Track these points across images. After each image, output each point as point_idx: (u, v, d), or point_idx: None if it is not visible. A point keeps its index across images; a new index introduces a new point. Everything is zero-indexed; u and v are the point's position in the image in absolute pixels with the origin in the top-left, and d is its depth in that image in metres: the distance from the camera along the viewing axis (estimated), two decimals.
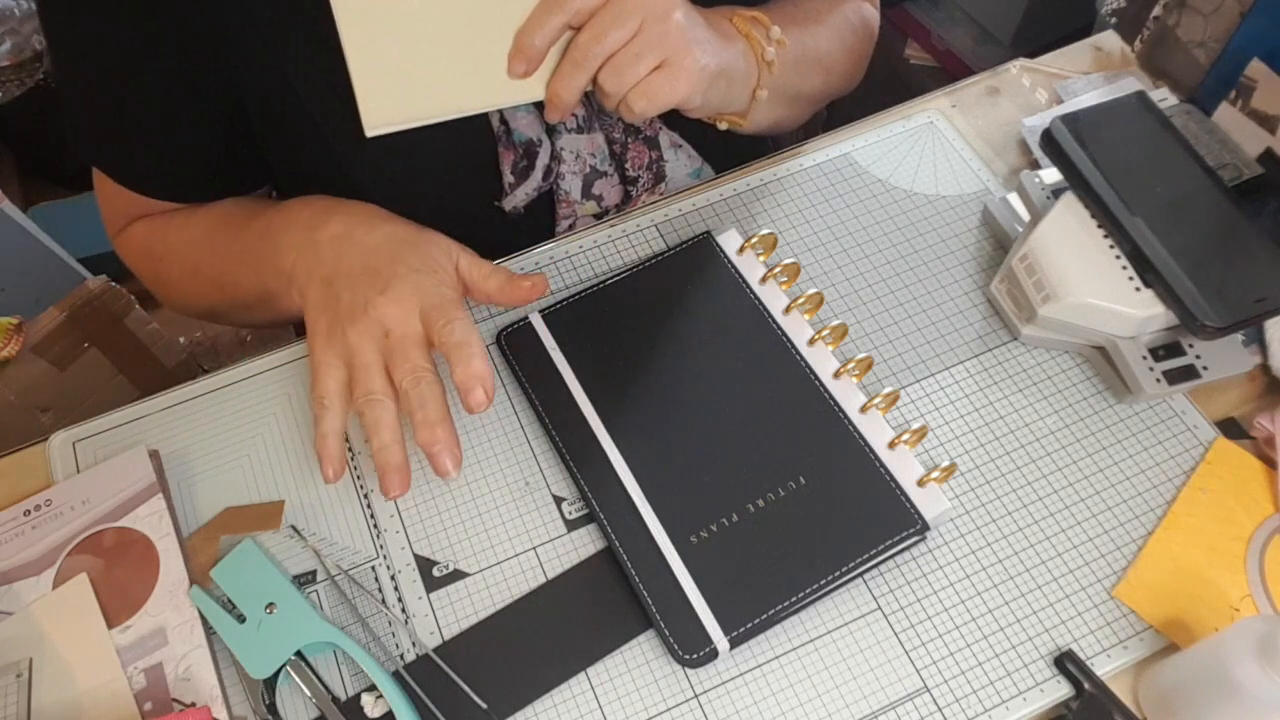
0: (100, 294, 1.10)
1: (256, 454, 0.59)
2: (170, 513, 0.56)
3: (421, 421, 0.52)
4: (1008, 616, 0.51)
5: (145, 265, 0.69)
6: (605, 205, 0.70)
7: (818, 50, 0.68)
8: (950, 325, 0.62)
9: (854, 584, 0.53)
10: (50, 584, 0.54)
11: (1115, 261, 0.57)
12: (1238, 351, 0.57)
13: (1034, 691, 0.49)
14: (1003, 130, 0.71)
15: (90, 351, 1.11)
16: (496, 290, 0.59)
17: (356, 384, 0.53)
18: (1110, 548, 0.53)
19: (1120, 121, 0.62)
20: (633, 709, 0.50)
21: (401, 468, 0.52)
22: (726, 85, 0.59)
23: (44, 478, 0.59)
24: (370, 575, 0.55)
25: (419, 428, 0.52)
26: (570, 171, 0.67)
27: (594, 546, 0.55)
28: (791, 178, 0.69)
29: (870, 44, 0.76)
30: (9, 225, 1.26)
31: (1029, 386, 0.59)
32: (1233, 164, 0.63)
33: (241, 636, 0.51)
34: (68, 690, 0.51)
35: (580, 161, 0.67)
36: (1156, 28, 0.72)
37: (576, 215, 0.70)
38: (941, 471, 0.54)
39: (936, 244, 0.65)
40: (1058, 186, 0.62)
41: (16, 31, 1.49)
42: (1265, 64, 0.62)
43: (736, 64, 0.60)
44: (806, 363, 0.58)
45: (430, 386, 0.52)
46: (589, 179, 0.68)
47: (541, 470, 0.58)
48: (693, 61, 0.54)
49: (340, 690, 0.51)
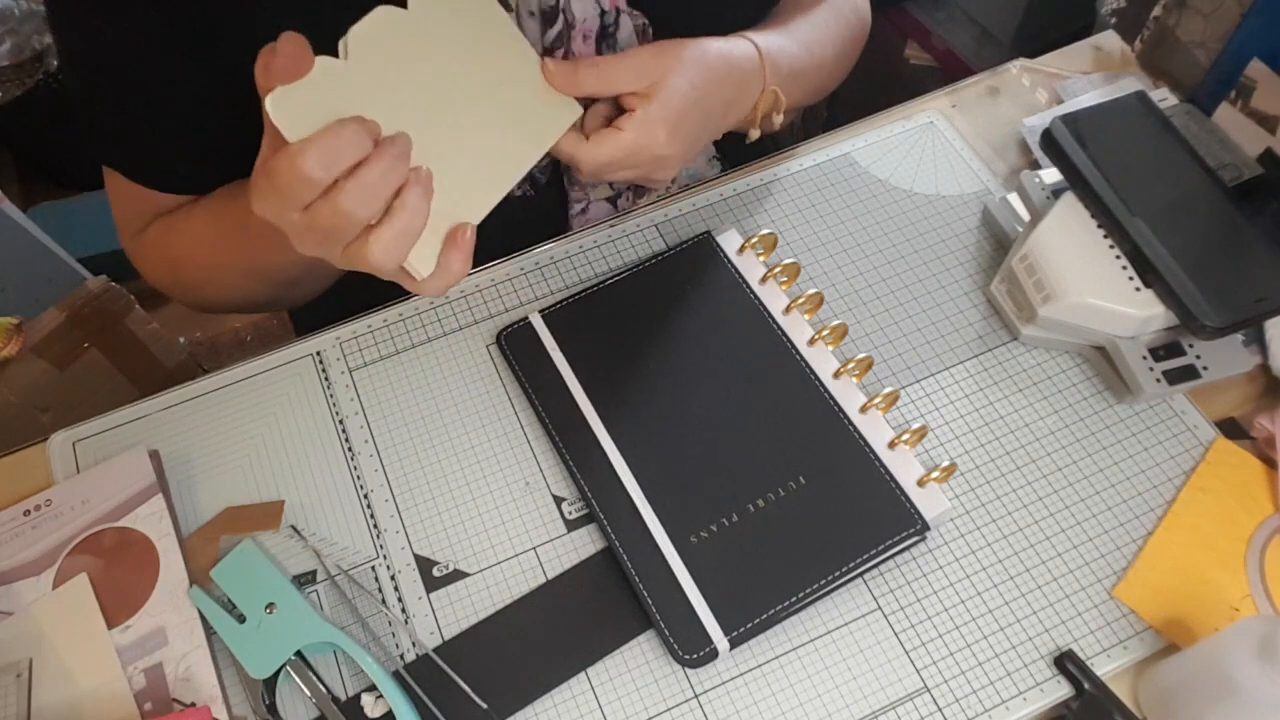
0: (100, 294, 1.09)
1: (256, 454, 0.59)
2: (170, 513, 0.56)
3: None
4: (1008, 616, 0.51)
5: (163, 273, 0.68)
6: (618, 188, 0.70)
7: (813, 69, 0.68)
8: (950, 325, 0.62)
9: (854, 584, 0.53)
10: (50, 584, 0.54)
11: (1115, 261, 0.57)
12: (1238, 351, 0.57)
13: (1034, 691, 0.49)
14: (1003, 130, 0.71)
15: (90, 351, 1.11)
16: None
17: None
18: (1110, 548, 0.53)
19: (1120, 121, 0.62)
20: (633, 709, 0.50)
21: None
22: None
23: (44, 478, 0.59)
24: (370, 575, 0.55)
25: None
26: None
27: (594, 546, 0.55)
28: (791, 178, 0.69)
29: (863, 37, 0.75)
30: (9, 225, 1.26)
31: (1029, 386, 0.59)
32: (1233, 164, 0.63)
33: (241, 636, 0.51)
34: (68, 690, 0.51)
35: None
36: (1156, 28, 0.72)
37: (590, 199, 0.70)
38: (941, 471, 0.54)
39: (936, 244, 0.65)
40: (1058, 186, 0.62)
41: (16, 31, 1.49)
42: (1265, 64, 0.62)
43: (714, 130, 0.61)
44: (806, 363, 0.58)
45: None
46: None
47: (541, 470, 0.58)
48: (670, 177, 0.59)
49: (340, 690, 0.51)
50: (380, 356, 0.63)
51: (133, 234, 0.67)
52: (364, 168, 0.44)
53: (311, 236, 0.47)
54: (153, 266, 0.68)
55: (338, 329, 0.64)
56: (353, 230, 0.46)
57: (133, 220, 0.67)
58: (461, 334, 0.63)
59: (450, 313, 0.64)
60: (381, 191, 0.45)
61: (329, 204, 0.44)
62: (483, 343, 0.63)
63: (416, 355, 0.63)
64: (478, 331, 0.63)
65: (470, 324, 0.64)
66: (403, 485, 0.58)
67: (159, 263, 0.67)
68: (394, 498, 0.57)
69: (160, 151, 0.63)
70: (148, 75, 0.58)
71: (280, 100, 0.43)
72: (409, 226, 0.46)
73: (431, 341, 0.63)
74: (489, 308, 0.64)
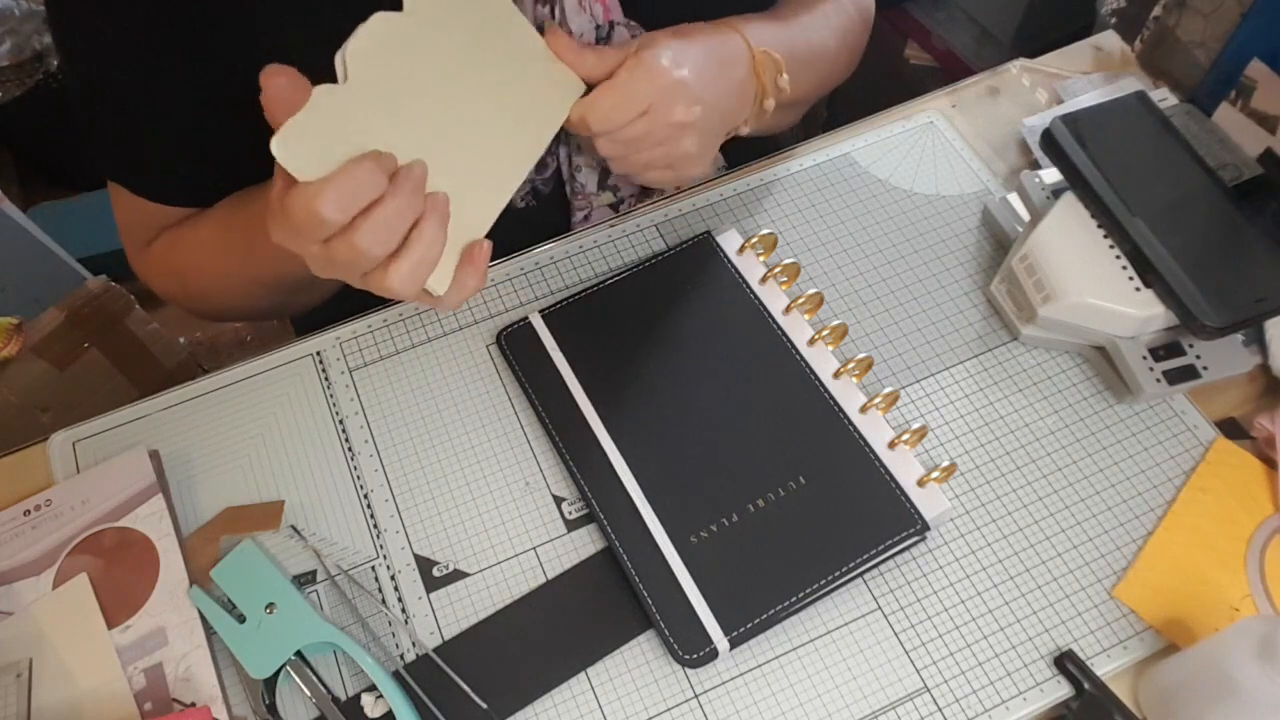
0: (100, 294, 1.09)
1: (256, 454, 0.59)
2: (170, 513, 0.56)
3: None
4: (1008, 616, 0.51)
5: (171, 285, 0.68)
6: (621, 195, 0.70)
7: (818, 57, 0.68)
8: (950, 325, 0.62)
9: (854, 584, 0.53)
10: (50, 584, 0.54)
11: (1115, 261, 0.57)
12: (1238, 351, 0.57)
13: (1034, 691, 0.49)
14: (1003, 130, 0.71)
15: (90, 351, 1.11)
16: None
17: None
18: (1110, 548, 0.53)
19: (1120, 121, 0.62)
20: (633, 709, 0.50)
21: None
22: (718, 144, 0.61)
23: (44, 478, 0.59)
24: (370, 575, 0.55)
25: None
26: (587, 166, 0.67)
27: (594, 546, 0.55)
28: (791, 178, 0.69)
29: (866, 33, 0.75)
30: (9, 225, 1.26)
31: (1029, 386, 0.59)
32: (1233, 164, 0.63)
33: (241, 636, 0.51)
34: (68, 690, 0.51)
35: (597, 156, 0.67)
36: (1156, 28, 0.72)
37: (592, 206, 0.70)
38: (941, 471, 0.54)
39: (936, 244, 0.65)
40: (1058, 186, 0.62)
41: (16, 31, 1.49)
42: (1265, 64, 0.62)
43: (734, 115, 0.60)
44: (806, 363, 0.58)
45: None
46: (605, 171, 0.68)
47: (541, 470, 0.58)
48: (693, 172, 0.59)
49: (340, 690, 0.51)
50: (380, 356, 0.63)
51: (139, 248, 0.67)
52: (380, 206, 0.44)
53: (330, 268, 0.48)
54: (161, 279, 0.68)
55: (338, 329, 0.64)
56: (371, 263, 0.46)
57: (139, 234, 0.67)
58: (461, 334, 0.63)
59: (450, 313, 0.64)
60: (399, 228, 0.45)
61: (346, 242, 0.45)
62: (483, 343, 0.63)
63: (416, 355, 0.63)
64: (478, 331, 0.63)
65: (470, 324, 0.64)
66: (403, 485, 0.58)
67: (166, 275, 0.67)
68: (394, 498, 0.57)
69: (163, 162, 0.63)
70: (148, 77, 0.58)
71: (285, 141, 0.43)
72: (426, 257, 0.47)
73: (431, 341, 0.63)
74: (489, 308, 0.64)
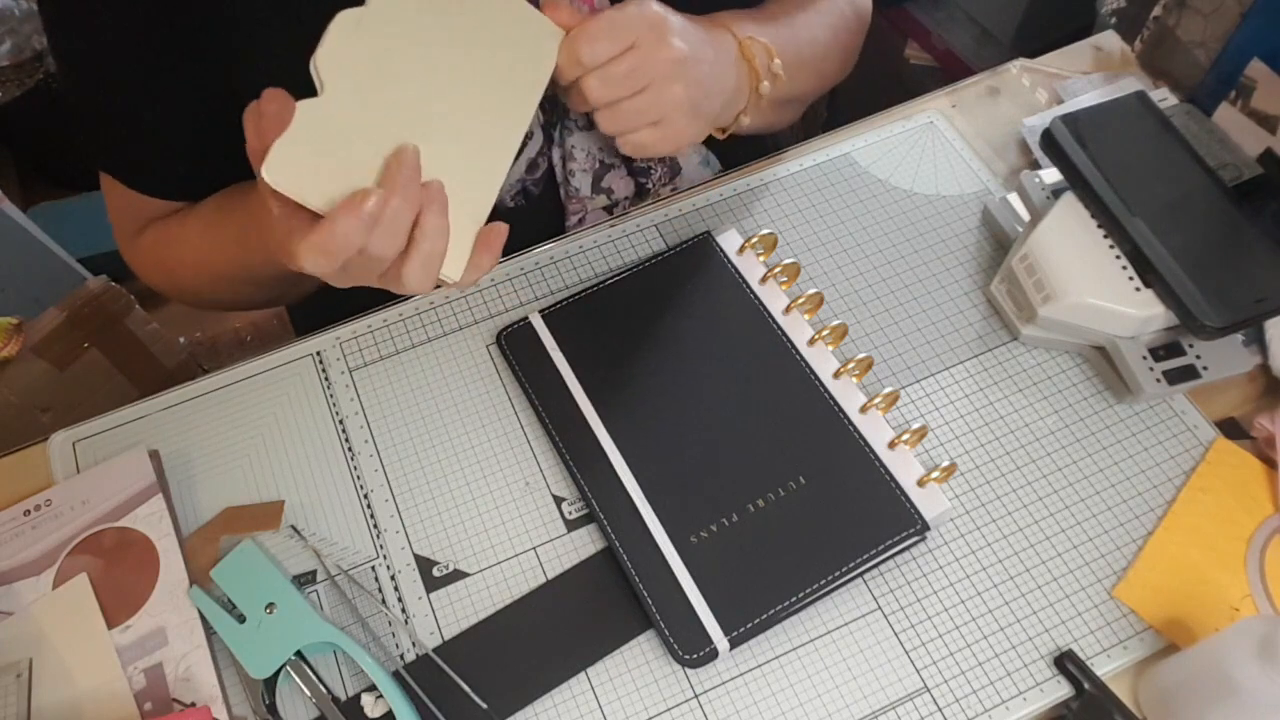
0: (100, 294, 1.09)
1: (256, 454, 0.59)
2: (170, 513, 0.56)
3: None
4: (1008, 616, 0.51)
5: (159, 277, 0.68)
6: (615, 199, 0.70)
7: (812, 54, 0.68)
8: (950, 325, 0.62)
9: (854, 584, 0.53)
10: (50, 584, 0.54)
11: (1115, 261, 0.57)
12: (1238, 351, 0.57)
13: (1034, 691, 0.49)
14: (1003, 130, 0.71)
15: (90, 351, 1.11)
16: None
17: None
18: (1110, 548, 0.53)
19: (1120, 121, 0.62)
20: (633, 709, 0.50)
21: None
22: (712, 116, 0.60)
23: (44, 478, 0.59)
24: (370, 575, 0.55)
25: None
26: (580, 169, 0.67)
27: (594, 546, 0.55)
28: (791, 178, 0.69)
29: (863, 32, 0.74)
30: (9, 225, 1.26)
31: (1029, 386, 0.59)
32: (1233, 164, 0.63)
33: (241, 636, 0.51)
34: (68, 690, 0.51)
35: (590, 159, 0.67)
36: (1156, 28, 0.72)
37: (587, 209, 0.70)
38: (941, 471, 0.54)
39: (936, 244, 0.65)
40: (1058, 186, 0.62)
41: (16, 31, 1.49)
42: (1265, 64, 0.62)
43: (728, 93, 0.59)
44: (806, 363, 0.58)
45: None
46: (599, 174, 0.68)
47: (541, 470, 0.58)
48: (685, 132, 0.56)
49: (340, 690, 0.51)
50: (380, 356, 0.63)
51: (128, 237, 0.68)
52: (382, 210, 0.46)
53: (345, 279, 0.49)
54: (148, 270, 0.69)
55: (338, 329, 0.64)
56: (383, 265, 0.48)
57: (128, 224, 0.67)
58: (461, 334, 0.63)
59: (450, 313, 0.64)
60: (402, 226, 0.47)
61: (358, 255, 0.47)
62: (483, 343, 0.63)
63: (416, 355, 0.63)
64: (478, 331, 0.63)
65: (470, 324, 0.64)
66: (403, 485, 0.58)
67: (154, 267, 0.68)
68: (394, 498, 0.57)
69: (153, 154, 0.63)
70: (138, 73, 0.58)
71: (273, 167, 0.43)
72: (434, 250, 0.48)
73: (431, 341, 0.63)
74: (489, 308, 0.64)
